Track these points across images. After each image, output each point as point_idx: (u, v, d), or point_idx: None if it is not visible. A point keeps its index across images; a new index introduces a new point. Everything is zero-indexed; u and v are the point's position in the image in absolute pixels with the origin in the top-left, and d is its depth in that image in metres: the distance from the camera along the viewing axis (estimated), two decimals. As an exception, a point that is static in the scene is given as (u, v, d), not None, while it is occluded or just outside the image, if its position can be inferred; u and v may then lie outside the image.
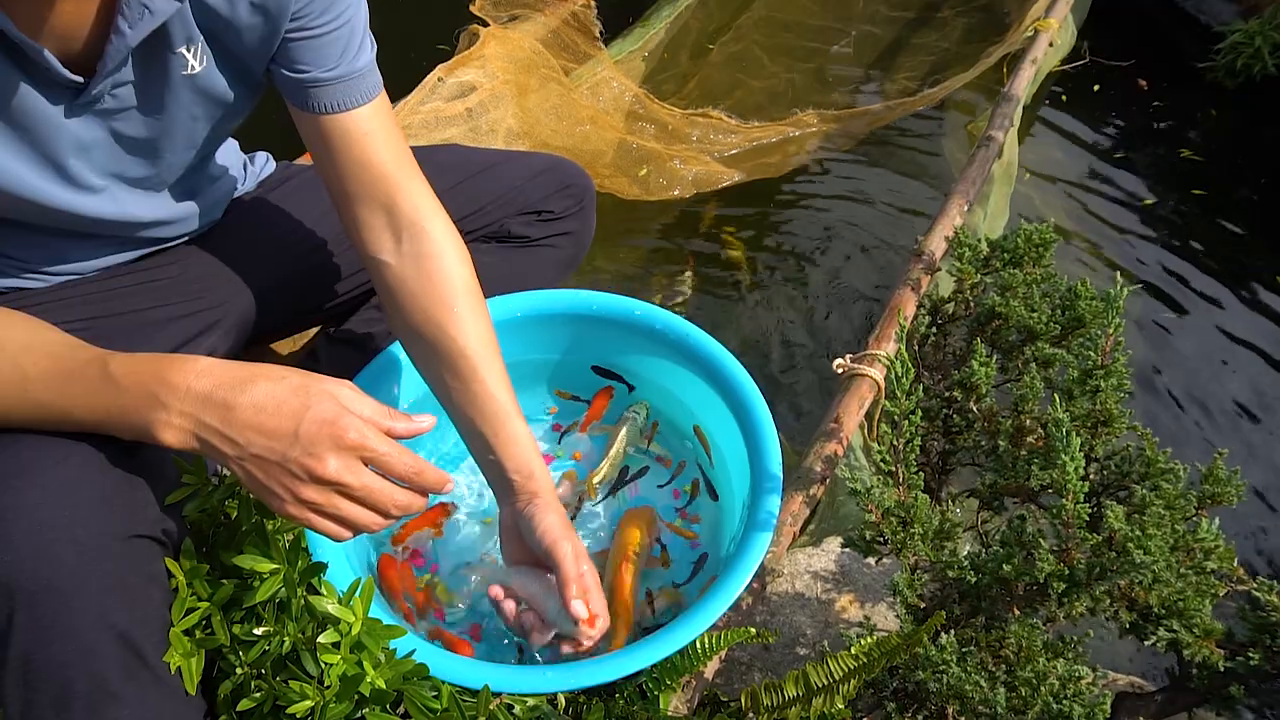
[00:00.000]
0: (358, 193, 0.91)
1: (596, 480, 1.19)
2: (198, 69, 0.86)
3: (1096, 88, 2.66)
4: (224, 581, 0.83)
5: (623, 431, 1.22)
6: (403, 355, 1.17)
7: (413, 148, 1.13)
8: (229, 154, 1.13)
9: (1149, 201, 2.39)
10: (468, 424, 0.96)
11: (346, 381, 0.73)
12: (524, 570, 0.98)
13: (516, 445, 0.96)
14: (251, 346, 1.22)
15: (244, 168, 1.17)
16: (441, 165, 1.22)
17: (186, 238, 1.08)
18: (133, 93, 0.85)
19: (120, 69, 0.82)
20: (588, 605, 0.91)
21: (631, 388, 1.26)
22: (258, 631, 0.82)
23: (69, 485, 0.72)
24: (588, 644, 0.93)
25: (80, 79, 0.80)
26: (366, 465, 0.72)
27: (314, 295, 1.16)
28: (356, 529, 0.75)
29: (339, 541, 0.76)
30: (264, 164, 1.21)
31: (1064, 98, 2.67)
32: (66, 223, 0.92)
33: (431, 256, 0.94)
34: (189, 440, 0.70)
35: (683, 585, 1.12)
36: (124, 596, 0.75)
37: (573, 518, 1.13)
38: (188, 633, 0.80)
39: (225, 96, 0.91)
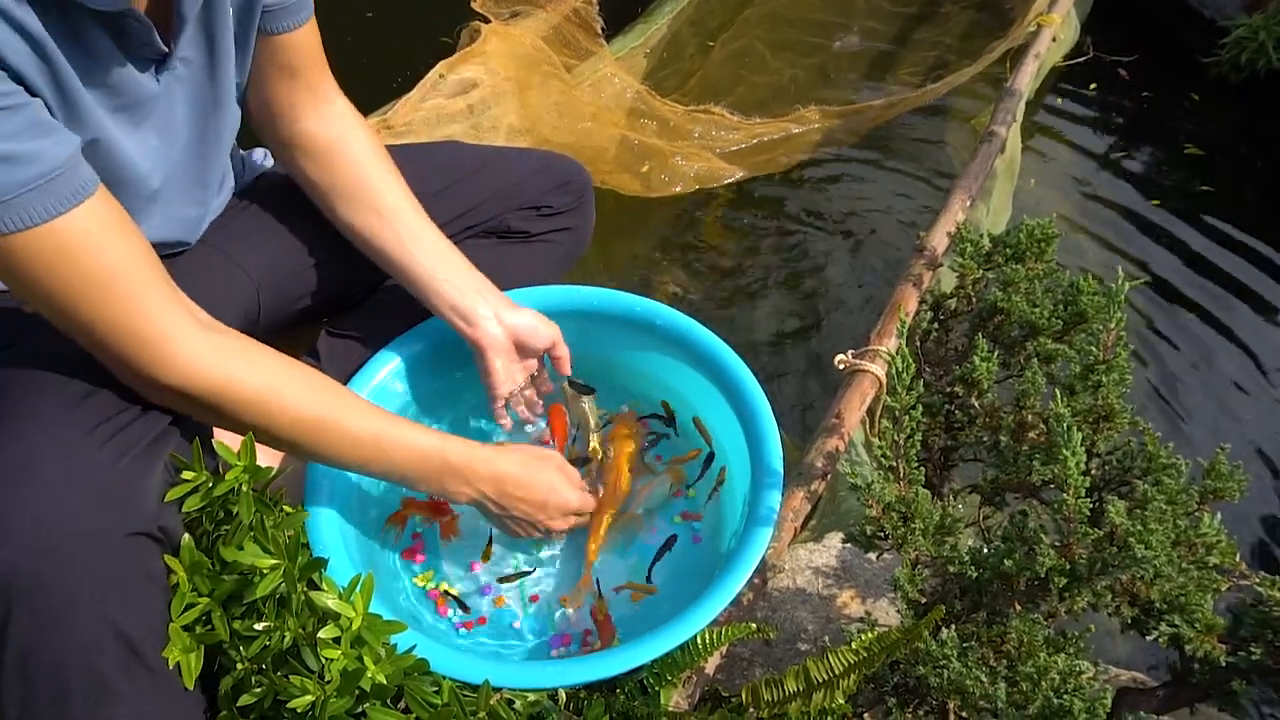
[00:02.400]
0: (289, 79, 1.05)
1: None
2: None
3: (1093, 86, 2.66)
4: (224, 577, 0.83)
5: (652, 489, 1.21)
6: (403, 351, 1.17)
7: (413, 144, 1.14)
8: (233, 150, 1.14)
9: (1152, 196, 2.39)
10: (407, 258, 1.09)
11: (562, 465, 1.09)
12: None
13: (462, 267, 1.10)
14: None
15: (242, 164, 1.18)
16: (441, 161, 1.22)
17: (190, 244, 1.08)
18: (196, 47, 0.89)
19: (185, 27, 0.85)
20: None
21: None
22: (258, 627, 0.82)
23: (67, 483, 0.73)
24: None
25: (165, 47, 0.84)
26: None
27: (313, 291, 1.16)
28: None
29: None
30: (262, 159, 1.21)
31: (1067, 93, 2.66)
32: (139, 214, 0.92)
33: (347, 124, 1.10)
34: (472, 502, 1.03)
35: (695, 483, 1.21)
36: (122, 594, 0.75)
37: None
38: (188, 628, 0.80)
39: (252, 25, 0.97)
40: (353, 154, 1.09)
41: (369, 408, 0.95)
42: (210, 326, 0.84)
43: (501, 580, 1.13)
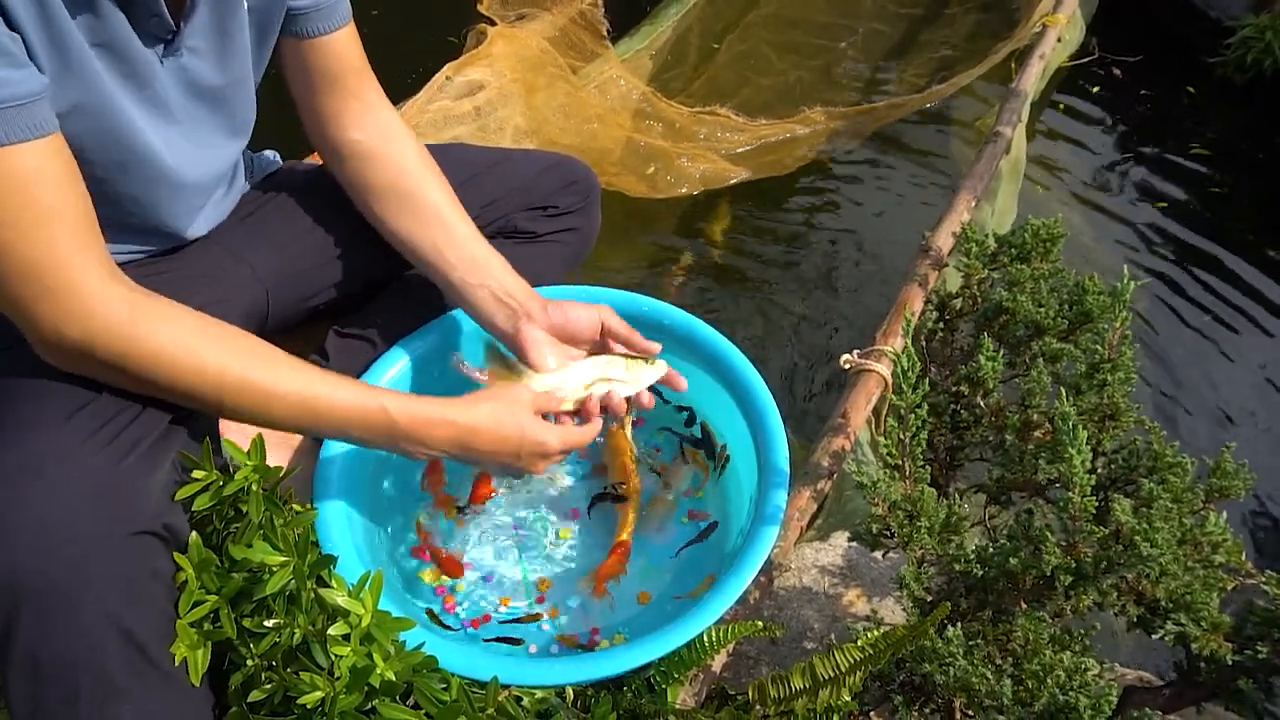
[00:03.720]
0: (335, 88, 1.06)
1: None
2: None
3: (1096, 89, 2.65)
4: (233, 575, 0.84)
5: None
6: (410, 351, 1.18)
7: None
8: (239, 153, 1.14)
9: (1157, 195, 2.39)
10: (450, 260, 1.07)
11: (534, 400, 0.99)
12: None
13: (504, 268, 1.08)
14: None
15: (250, 164, 1.18)
16: (449, 163, 1.22)
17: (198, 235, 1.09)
18: (206, 36, 0.89)
19: (197, 11, 0.85)
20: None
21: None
22: (268, 623, 0.83)
23: (71, 484, 0.73)
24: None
25: (173, 24, 0.84)
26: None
27: (321, 291, 1.17)
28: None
29: None
30: (271, 161, 1.22)
31: (1072, 93, 2.66)
32: (144, 187, 0.93)
33: (392, 130, 1.10)
34: (437, 458, 1.01)
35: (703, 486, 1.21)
36: (127, 593, 0.75)
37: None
38: (195, 626, 0.81)
39: (273, 26, 0.97)
40: (397, 160, 1.08)
41: (300, 366, 0.87)
42: (132, 288, 0.80)
43: (509, 622, 1.11)
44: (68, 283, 0.75)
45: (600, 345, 1.10)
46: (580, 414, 1.05)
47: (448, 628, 1.08)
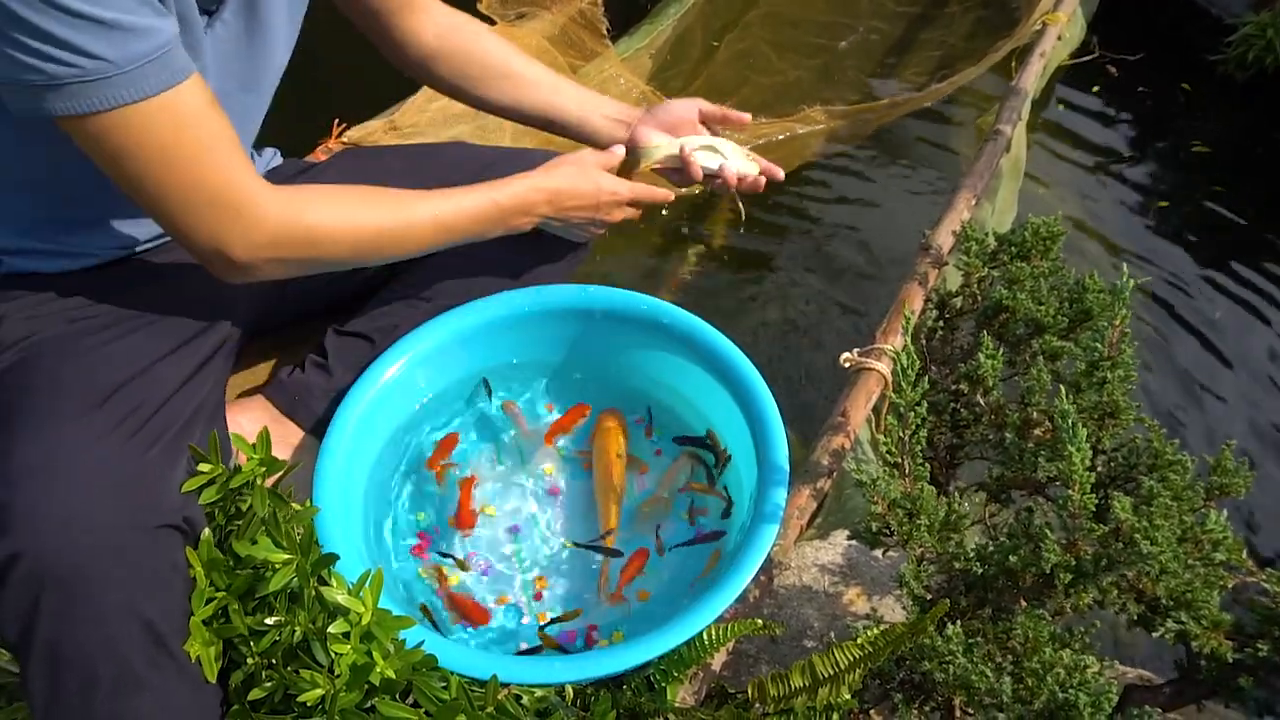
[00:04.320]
0: (400, 9, 1.15)
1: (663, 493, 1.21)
2: None
3: (1095, 89, 2.65)
4: (239, 571, 0.84)
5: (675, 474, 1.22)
6: (410, 348, 1.17)
7: (420, 145, 1.15)
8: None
9: (1158, 193, 2.38)
10: (565, 106, 1.23)
11: (601, 159, 1.16)
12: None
13: (604, 99, 1.26)
14: (258, 339, 1.23)
15: (253, 160, 1.18)
16: (449, 162, 1.22)
17: None
18: (235, 21, 0.92)
19: None
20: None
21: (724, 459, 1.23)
22: (269, 621, 0.83)
23: (98, 477, 0.74)
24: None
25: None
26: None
27: (321, 289, 1.17)
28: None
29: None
30: (272, 157, 1.22)
31: (1073, 91, 2.66)
32: None
33: (463, 22, 1.21)
34: (538, 224, 1.13)
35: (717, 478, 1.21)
36: (149, 585, 0.76)
37: None
38: (206, 622, 0.81)
39: (299, 12, 1.01)
40: (480, 46, 1.20)
41: (424, 196, 1.02)
42: (278, 188, 0.91)
43: (523, 653, 1.08)
44: (250, 199, 0.86)
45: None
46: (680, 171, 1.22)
47: (436, 626, 1.08)
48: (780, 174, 1.24)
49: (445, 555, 1.13)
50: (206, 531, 0.83)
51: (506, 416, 1.26)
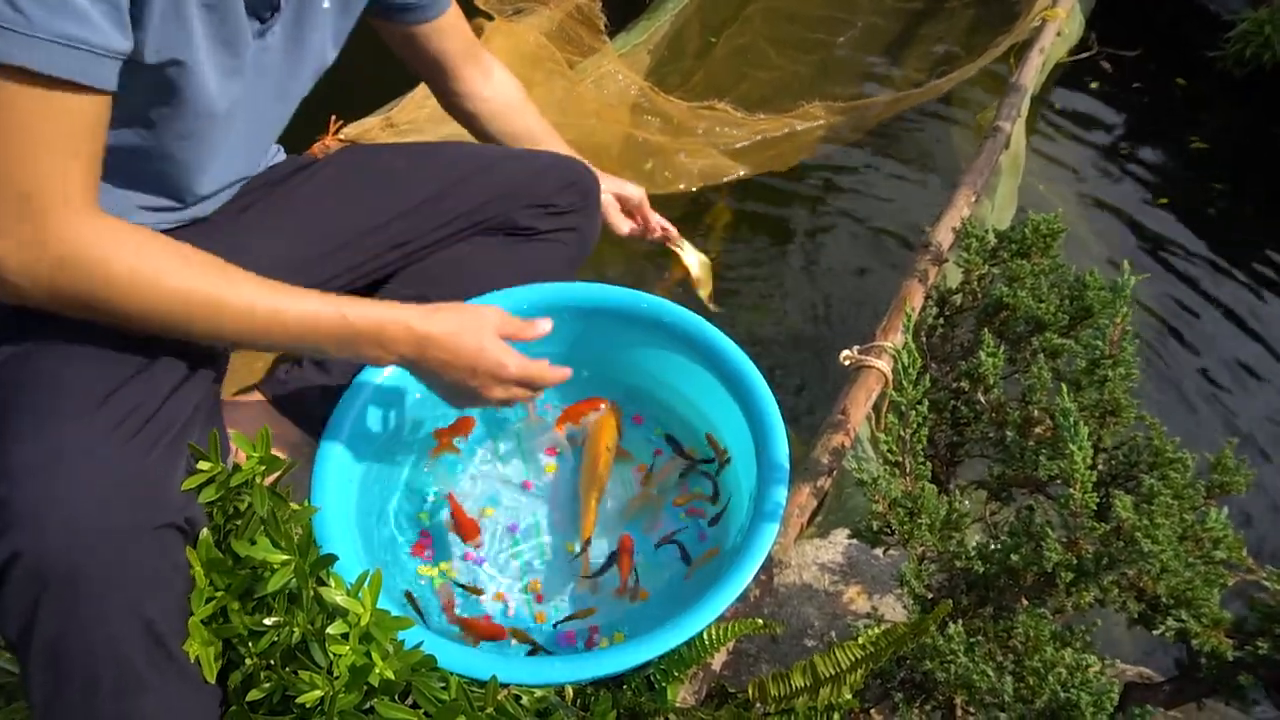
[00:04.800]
0: (463, 62, 1.26)
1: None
2: (328, 4, 0.97)
3: (1094, 84, 2.65)
4: (238, 571, 0.83)
5: None
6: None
7: (419, 143, 1.15)
8: None
9: (1157, 190, 2.38)
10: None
11: (500, 324, 0.99)
12: None
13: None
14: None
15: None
16: (447, 160, 1.22)
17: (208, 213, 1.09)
18: (282, 32, 0.93)
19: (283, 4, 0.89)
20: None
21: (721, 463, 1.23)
22: (268, 622, 0.83)
23: (100, 477, 0.74)
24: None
25: (278, 4, 0.89)
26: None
27: (322, 284, 1.16)
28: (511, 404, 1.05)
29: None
30: (274, 154, 1.21)
31: (1071, 87, 2.65)
32: (188, 150, 0.95)
33: (509, 85, 1.34)
34: (393, 366, 0.99)
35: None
36: (151, 585, 0.76)
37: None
38: (205, 622, 0.81)
39: (343, 33, 1.03)
40: (517, 113, 1.34)
41: (258, 279, 0.88)
42: (99, 214, 0.80)
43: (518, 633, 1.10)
44: (58, 213, 0.76)
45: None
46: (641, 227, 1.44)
47: (421, 614, 1.08)
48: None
49: (462, 587, 1.12)
50: (206, 531, 0.83)
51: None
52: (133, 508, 0.74)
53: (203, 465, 0.82)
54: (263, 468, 0.86)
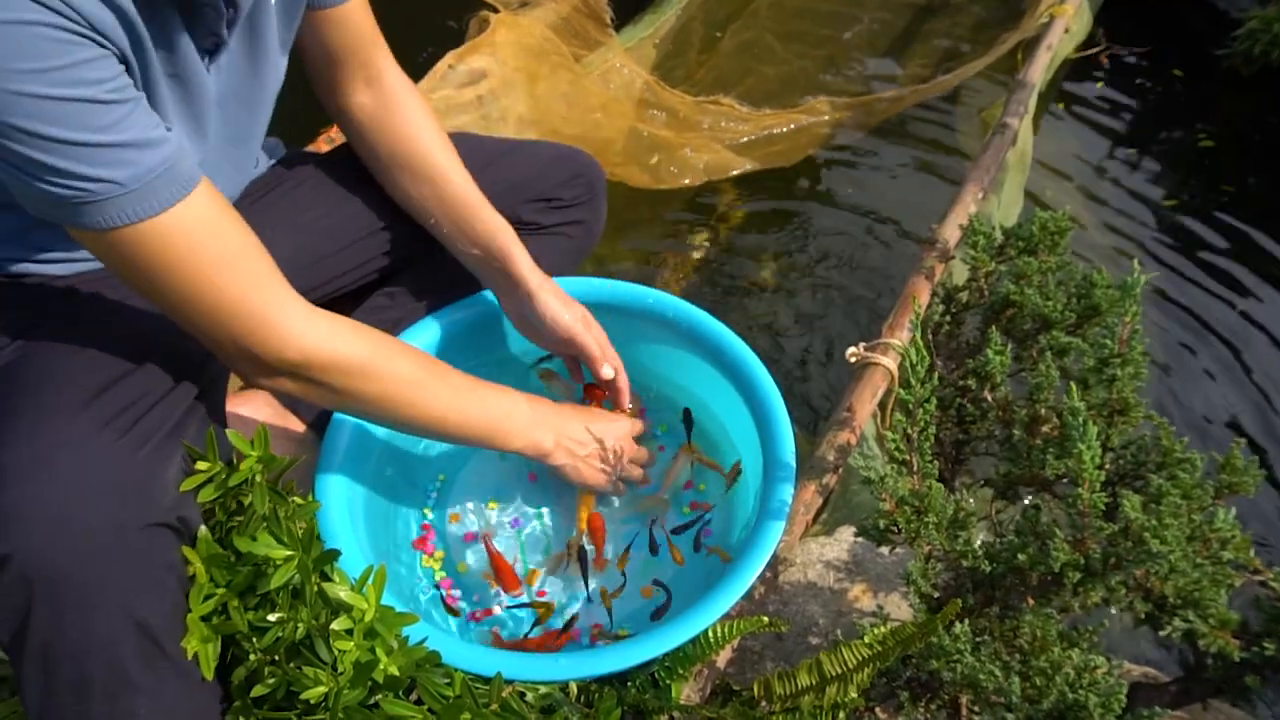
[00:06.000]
0: (346, 57, 1.09)
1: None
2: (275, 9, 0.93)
3: (1100, 84, 2.64)
4: (240, 568, 0.83)
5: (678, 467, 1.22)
6: (414, 340, 1.17)
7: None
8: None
9: (1164, 187, 2.37)
10: (447, 224, 1.12)
11: (623, 420, 1.15)
12: None
13: (498, 234, 1.10)
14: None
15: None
16: (453, 152, 1.21)
17: None
18: (240, 43, 0.90)
19: (239, 18, 0.86)
20: (613, 367, 1.15)
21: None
22: (272, 618, 0.82)
23: (87, 476, 0.73)
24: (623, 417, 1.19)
25: (225, 39, 0.85)
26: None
27: (329, 280, 1.16)
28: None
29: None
30: (274, 149, 1.21)
31: (1079, 84, 2.64)
32: None
33: (398, 96, 1.12)
34: (554, 449, 1.08)
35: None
36: (142, 586, 0.75)
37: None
38: (205, 619, 0.80)
39: (295, 17, 0.98)
40: (406, 126, 1.11)
41: (456, 370, 1.00)
42: (311, 306, 0.88)
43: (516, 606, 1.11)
44: (277, 316, 0.83)
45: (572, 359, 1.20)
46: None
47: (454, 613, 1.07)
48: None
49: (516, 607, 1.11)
50: (204, 529, 0.82)
51: (542, 384, 1.27)
52: (122, 508, 0.73)
53: (201, 465, 0.82)
54: (260, 466, 0.86)
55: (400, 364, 0.93)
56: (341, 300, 1.22)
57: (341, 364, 0.88)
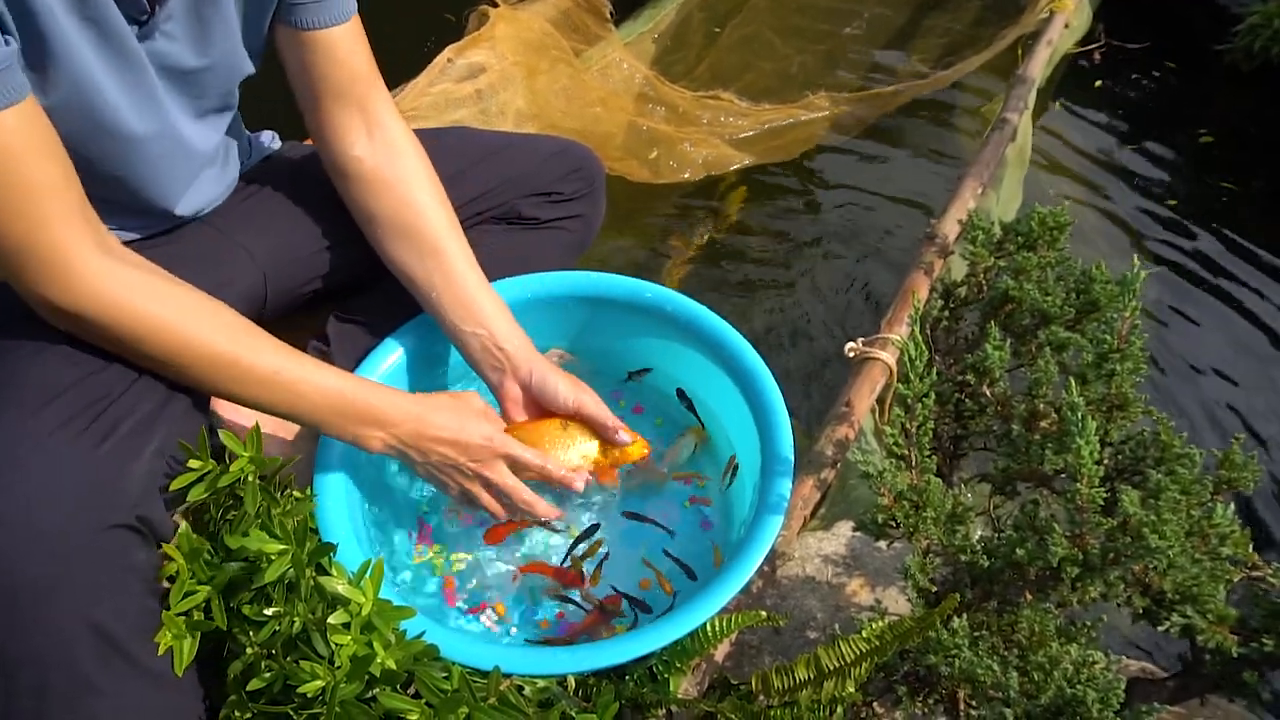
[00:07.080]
0: (337, 95, 1.02)
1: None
2: None
3: (1098, 83, 2.63)
4: (226, 565, 0.83)
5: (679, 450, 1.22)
6: (410, 336, 1.16)
7: (422, 130, 1.13)
8: (237, 131, 1.13)
9: (1164, 183, 2.37)
10: (445, 301, 1.06)
11: (487, 408, 1.03)
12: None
13: (499, 317, 1.07)
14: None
15: (249, 146, 1.17)
16: (451, 148, 1.21)
17: (198, 213, 1.07)
18: (181, 22, 0.87)
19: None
20: (626, 431, 1.10)
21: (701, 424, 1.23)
22: (268, 611, 0.82)
23: (42, 481, 0.72)
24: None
25: (148, 9, 0.83)
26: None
27: (322, 276, 1.16)
28: (493, 511, 1.05)
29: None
30: (269, 141, 1.20)
31: (1078, 80, 2.64)
32: (125, 166, 0.92)
33: (399, 150, 1.05)
34: (388, 452, 0.97)
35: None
36: (100, 589, 0.74)
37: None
38: (184, 615, 0.80)
39: (266, 11, 0.94)
40: (402, 188, 1.05)
41: (277, 346, 0.89)
42: (122, 257, 0.82)
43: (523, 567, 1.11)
44: (63, 260, 0.76)
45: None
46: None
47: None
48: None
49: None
50: (186, 524, 0.82)
51: None
52: (77, 509, 0.72)
53: (193, 464, 0.81)
54: (253, 466, 0.85)
55: (208, 336, 0.84)
56: (335, 295, 1.21)
57: (138, 321, 0.80)
